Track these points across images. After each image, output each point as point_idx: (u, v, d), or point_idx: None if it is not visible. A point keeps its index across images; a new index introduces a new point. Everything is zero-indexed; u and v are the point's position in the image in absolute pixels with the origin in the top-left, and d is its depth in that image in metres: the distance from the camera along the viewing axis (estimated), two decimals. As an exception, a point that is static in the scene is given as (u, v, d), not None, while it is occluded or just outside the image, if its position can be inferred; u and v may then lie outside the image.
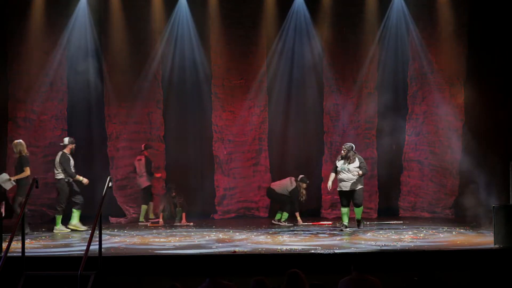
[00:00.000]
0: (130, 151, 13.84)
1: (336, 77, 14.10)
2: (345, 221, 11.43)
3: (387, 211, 13.87)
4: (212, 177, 14.11)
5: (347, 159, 11.35)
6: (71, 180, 11.90)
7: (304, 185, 12.62)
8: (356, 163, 11.31)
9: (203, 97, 14.38)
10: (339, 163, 11.43)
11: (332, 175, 11.59)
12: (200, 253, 8.57)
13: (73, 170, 11.88)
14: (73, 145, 12.08)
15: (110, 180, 9.35)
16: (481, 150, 13.16)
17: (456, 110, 13.72)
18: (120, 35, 13.90)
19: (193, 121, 14.44)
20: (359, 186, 11.37)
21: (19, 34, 13.42)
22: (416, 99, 14.06)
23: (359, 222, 11.61)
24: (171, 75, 14.33)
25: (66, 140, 12.09)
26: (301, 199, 12.61)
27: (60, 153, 11.96)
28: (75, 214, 11.96)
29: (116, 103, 13.91)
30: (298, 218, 12.54)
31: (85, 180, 11.99)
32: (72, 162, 11.93)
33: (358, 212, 11.53)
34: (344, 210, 11.45)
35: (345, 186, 11.35)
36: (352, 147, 11.50)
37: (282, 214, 12.63)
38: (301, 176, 12.72)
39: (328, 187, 11.66)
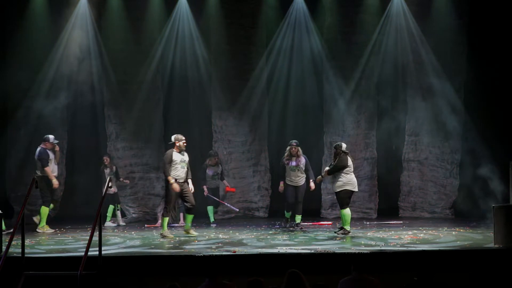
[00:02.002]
0: (130, 151, 13.84)
1: (336, 76, 14.09)
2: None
3: (387, 211, 13.87)
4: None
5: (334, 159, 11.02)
6: None
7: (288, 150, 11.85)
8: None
9: (203, 97, 14.40)
10: None
11: None
12: (200, 253, 8.57)
13: None
14: None
15: (110, 180, 9.37)
16: (481, 150, 13.16)
17: (456, 110, 13.72)
18: (120, 35, 13.90)
19: (193, 121, 14.45)
20: (338, 189, 10.75)
21: (19, 34, 13.41)
22: (416, 98, 14.05)
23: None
24: (171, 75, 14.36)
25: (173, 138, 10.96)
26: (284, 162, 11.85)
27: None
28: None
29: (116, 103, 13.91)
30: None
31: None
32: None
33: (341, 215, 10.83)
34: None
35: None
36: (337, 146, 10.94)
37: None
38: None
39: None
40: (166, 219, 10.74)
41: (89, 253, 7.44)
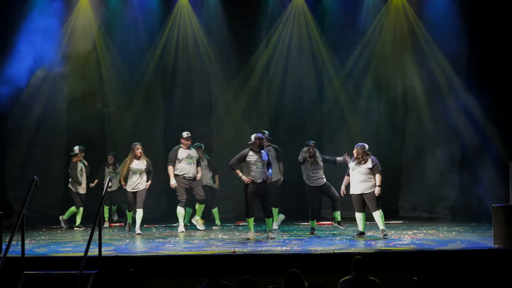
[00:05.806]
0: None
1: (336, 75, 14.10)
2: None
3: (387, 211, 13.82)
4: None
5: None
6: None
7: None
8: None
9: (203, 97, 14.40)
10: None
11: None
12: (200, 253, 8.57)
13: None
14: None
15: (110, 180, 9.36)
16: (481, 149, 13.16)
17: (456, 110, 13.71)
18: (120, 35, 13.92)
19: (193, 121, 14.44)
20: (369, 190, 10.30)
21: (19, 33, 13.40)
22: (417, 98, 14.04)
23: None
24: (171, 74, 14.35)
25: None
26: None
27: None
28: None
29: (116, 103, 13.91)
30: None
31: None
32: None
33: (380, 215, 10.41)
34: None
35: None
36: (363, 146, 10.45)
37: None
38: None
39: None
40: (250, 220, 10.37)
41: (89, 253, 7.43)
